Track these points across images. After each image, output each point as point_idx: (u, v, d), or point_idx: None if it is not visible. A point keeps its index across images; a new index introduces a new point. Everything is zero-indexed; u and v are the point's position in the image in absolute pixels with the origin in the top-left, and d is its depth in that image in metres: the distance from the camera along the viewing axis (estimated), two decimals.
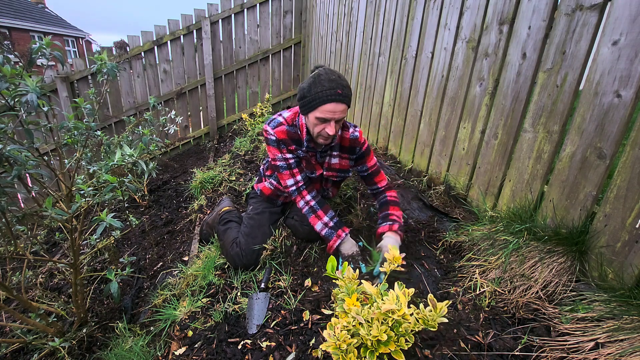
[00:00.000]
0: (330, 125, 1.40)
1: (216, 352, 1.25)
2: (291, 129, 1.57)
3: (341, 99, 1.36)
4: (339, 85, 1.36)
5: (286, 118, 1.57)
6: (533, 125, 1.43)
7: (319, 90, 1.35)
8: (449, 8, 1.89)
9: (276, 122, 1.57)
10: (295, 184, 1.60)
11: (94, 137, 1.72)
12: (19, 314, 1.47)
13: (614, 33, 1.11)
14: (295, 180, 1.59)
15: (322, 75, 1.37)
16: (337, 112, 1.37)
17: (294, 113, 1.59)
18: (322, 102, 1.36)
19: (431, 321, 0.94)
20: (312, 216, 1.58)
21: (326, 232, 1.54)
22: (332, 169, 1.69)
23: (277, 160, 1.59)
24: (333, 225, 1.55)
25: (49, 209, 1.23)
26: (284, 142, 1.56)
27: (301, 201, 1.60)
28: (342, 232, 1.54)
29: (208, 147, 4.64)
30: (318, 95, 1.35)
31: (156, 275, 2.09)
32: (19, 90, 1.17)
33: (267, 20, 4.73)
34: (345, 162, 1.70)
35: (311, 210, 1.58)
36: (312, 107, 1.39)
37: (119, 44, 4.06)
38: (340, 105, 1.37)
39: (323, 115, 1.37)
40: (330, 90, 1.34)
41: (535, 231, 1.34)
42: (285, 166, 1.58)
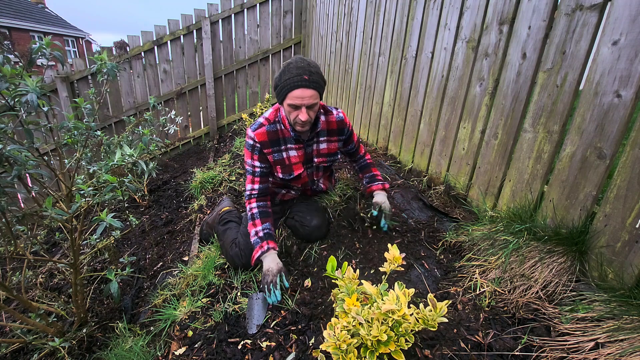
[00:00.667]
0: (301, 112, 1.42)
1: (216, 352, 1.25)
2: (272, 128, 1.59)
3: (307, 84, 1.37)
4: (305, 72, 1.37)
5: (267, 117, 1.60)
6: (533, 125, 1.43)
7: (287, 78, 1.38)
8: (449, 8, 1.89)
9: (257, 124, 1.59)
10: (250, 190, 1.64)
11: (94, 137, 1.72)
12: (19, 314, 1.47)
13: (614, 33, 1.11)
14: (252, 187, 1.64)
15: (291, 64, 1.40)
16: (306, 98, 1.39)
17: (275, 110, 1.62)
18: (290, 89, 1.38)
19: (431, 321, 0.94)
20: (249, 223, 1.61)
21: (254, 240, 1.56)
22: (321, 154, 1.72)
23: (247, 164, 1.65)
24: (262, 235, 1.55)
25: (49, 209, 1.23)
26: (261, 144, 1.59)
27: (247, 207, 1.64)
28: (265, 245, 1.52)
29: (208, 147, 4.64)
30: (287, 83, 1.38)
31: (156, 275, 2.09)
32: (19, 90, 1.17)
33: (267, 20, 4.73)
34: (333, 145, 1.73)
35: (251, 217, 1.61)
36: (283, 95, 1.42)
37: (119, 44, 4.06)
38: (308, 90, 1.38)
39: (293, 101, 1.40)
40: (297, 76, 1.37)
41: (535, 231, 1.34)
42: (250, 171, 1.64)
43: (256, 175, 1.64)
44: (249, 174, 1.65)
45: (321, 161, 1.73)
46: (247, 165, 1.65)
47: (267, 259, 1.49)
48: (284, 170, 1.67)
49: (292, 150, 1.65)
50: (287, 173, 1.68)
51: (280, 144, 1.62)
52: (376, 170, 1.85)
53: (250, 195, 1.64)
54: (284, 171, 1.68)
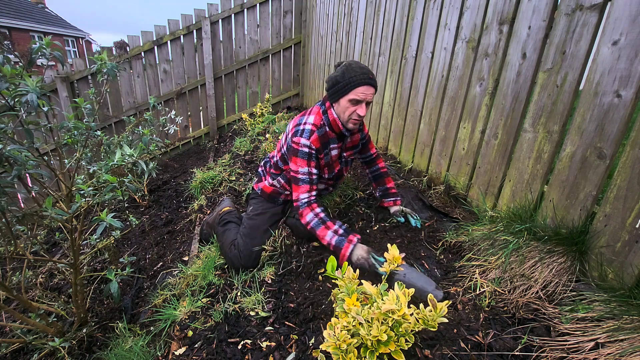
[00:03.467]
0: (361, 107, 1.53)
1: (216, 352, 1.25)
2: (321, 132, 1.61)
3: (372, 82, 1.51)
4: (369, 72, 1.52)
5: (314, 123, 1.60)
6: (533, 125, 1.43)
7: (352, 75, 1.49)
8: (449, 8, 1.89)
9: (308, 131, 1.58)
10: (309, 197, 1.59)
11: (94, 137, 1.72)
12: (19, 314, 1.47)
13: (614, 33, 1.11)
14: (310, 195, 1.59)
15: (352, 64, 1.52)
16: (369, 95, 1.51)
17: (317, 115, 1.62)
18: (356, 85, 1.49)
19: (431, 321, 0.94)
20: (321, 227, 1.53)
21: (337, 240, 1.48)
22: (347, 148, 1.78)
23: (301, 173, 1.59)
24: (343, 232, 1.50)
25: (49, 209, 1.23)
26: (317, 150, 1.60)
27: (310, 214, 1.56)
28: (353, 237, 1.47)
29: (208, 147, 4.64)
30: (352, 80, 1.49)
31: (156, 275, 2.09)
32: (19, 90, 1.17)
33: (267, 20, 4.73)
34: (356, 136, 1.80)
35: (321, 221, 1.54)
36: (346, 91, 1.51)
37: (119, 44, 4.07)
38: (371, 88, 1.51)
39: (356, 96, 1.50)
40: (362, 75, 1.49)
41: (535, 231, 1.34)
42: (307, 180, 1.59)
43: (314, 183, 1.61)
44: (305, 183, 1.59)
45: (349, 154, 1.81)
46: (302, 175, 1.59)
47: (355, 251, 1.44)
48: (330, 169, 1.74)
49: (334, 150, 1.70)
50: (331, 172, 1.75)
51: (328, 145, 1.67)
52: (390, 181, 1.89)
53: (310, 202, 1.58)
54: (329, 170, 1.74)
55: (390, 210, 1.85)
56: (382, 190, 1.88)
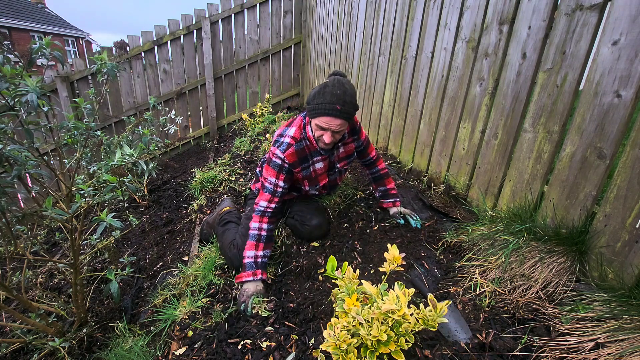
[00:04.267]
0: (326, 134, 1.48)
1: (216, 352, 1.25)
2: (299, 146, 1.59)
3: (338, 114, 1.42)
4: (339, 101, 1.41)
5: (293, 136, 1.59)
6: (533, 125, 1.43)
7: (320, 102, 1.43)
8: (449, 8, 1.89)
9: (285, 144, 1.57)
10: (266, 208, 1.58)
11: (94, 137, 1.72)
12: (19, 314, 1.47)
13: (614, 33, 1.11)
14: (268, 206, 1.59)
15: (328, 87, 1.43)
16: (333, 125, 1.44)
17: (298, 128, 1.60)
18: (320, 114, 1.43)
19: (431, 321, 0.94)
20: (252, 242, 1.54)
21: (248, 263, 1.51)
22: (341, 159, 1.76)
23: (267, 182, 1.60)
24: (260, 262, 1.52)
25: (49, 209, 1.23)
26: (291, 165, 1.58)
27: (256, 223, 1.57)
28: (259, 273, 1.50)
29: (208, 147, 4.64)
30: (318, 107, 1.43)
31: (156, 275, 2.09)
32: (19, 90, 1.17)
33: (267, 20, 4.73)
34: (350, 146, 1.77)
35: (258, 237, 1.55)
36: (313, 115, 1.47)
37: (119, 44, 4.06)
38: (337, 120, 1.43)
39: (321, 124, 1.46)
40: (330, 104, 1.41)
41: (535, 231, 1.34)
42: (271, 190, 1.60)
43: (276, 195, 1.60)
44: (268, 192, 1.59)
45: (343, 165, 1.78)
46: (268, 183, 1.60)
47: (250, 286, 1.47)
48: (311, 182, 1.72)
49: (318, 163, 1.67)
50: (313, 185, 1.73)
51: (308, 159, 1.64)
52: (390, 182, 1.88)
53: (265, 213, 1.58)
54: (311, 184, 1.72)
55: (389, 211, 1.85)
56: (381, 191, 1.88)
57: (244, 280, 1.49)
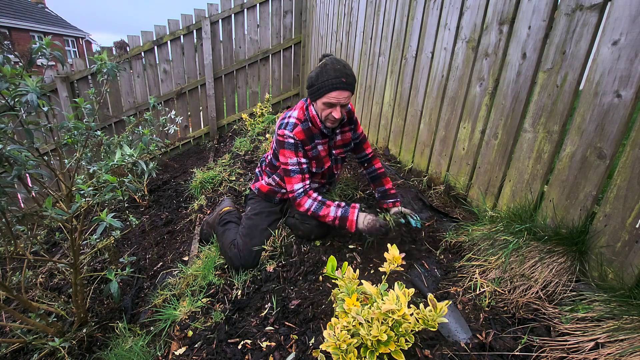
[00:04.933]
0: (336, 110, 1.53)
1: (216, 352, 1.25)
2: (305, 126, 1.64)
3: (345, 86, 1.49)
4: (343, 74, 1.48)
5: (297, 117, 1.64)
6: (533, 125, 1.43)
7: (325, 79, 1.48)
8: (449, 8, 1.89)
9: (291, 124, 1.62)
10: (303, 187, 1.62)
11: (94, 137, 1.72)
12: (19, 314, 1.47)
13: (614, 33, 1.11)
14: (304, 184, 1.63)
15: (328, 65, 1.50)
16: (342, 99, 1.50)
17: (301, 109, 1.65)
18: (328, 90, 1.48)
19: (431, 321, 0.94)
20: (322, 208, 1.57)
21: (341, 211, 1.54)
22: (337, 146, 1.79)
23: (290, 164, 1.62)
24: (345, 204, 1.58)
25: (49, 209, 1.23)
26: (302, 142, 1.63)
27: (308, 200, 1.60)
28: (355, 205, 1.56)
29: (208, 147, 4.64)
30: (325, 84, 1.48)
31: (156, 275, 2.09)
32: (19, 90, 1.17)
33: (267, 20, 4.73)
34: (347, 134, 1.80)
35: (321, 203, 1.59)
36: (320, 94, 1.52)
37: (119, 44, 4.06)
38: (344, 92, 1.50)
39: (330, 100, 1.50)
40: (335, 79, 1.47)
41: (535, 231, 1.34)
42: (298, 170, 1.62)
43: (305, 172, 1.63)
44: (297, 173, 1.61)
45: (339, 152, 1.81)
46: (292, 165, 1.61)
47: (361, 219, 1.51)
48: (318, 164, 1.74)
49: (320, 145, 1.71)
50: (319, 167, 1.75)
51: (314, 139, 1.68)
52: (388, 182, 1.88)
53: (306, 190, 1.62)
54: (318, 165, 1.75)
55: (389, 212, 1.85)
56: (380, 191, 1.88)
57: (357, 217, 1.52)
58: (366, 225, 1.50)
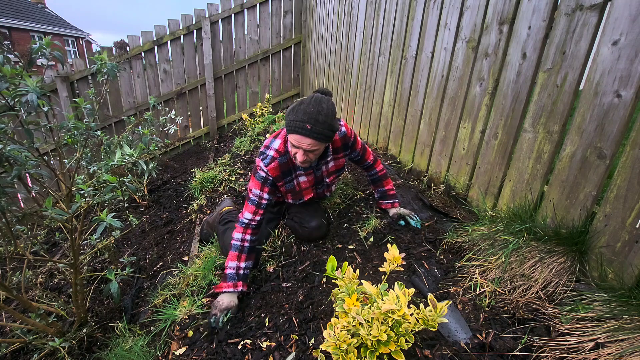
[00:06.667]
0: (299, 152, 1.43)
1: (216, 352, 1.25)
2: (283, 160, 1.57)
3: (307, 133, 1.37)
4: (311, 120, 1.36)
5: (277, 149, 1.56)
6: (533, 125, 1.43)
7: (292, 119, 1.39)
8: (449, 8, 1.89)
9: (269, 157, 1.55)
10: (250, 220, 1.57)
11: (94, 137, 1.72)
12: (19, 314, 1.47)
13: (614, 33, 1.11)
14: (252, 218, 1.57)
15: (303, 104, 1.40)
16: (304, 144, 1.40)
17: (283, 141, 1.58)
18: (291, 131, 1.40)
19: (431, 321, 0.94)
20: (235, 253, 1.54)
21: (230, 274, 1.50)
22: (330, 173, 1.74)
23: (252, 194, 1.59)
24: (242, 274, 1.52)
25: (49, 209, 1.23)
26: (275, 179, 1.57)
27: (240, 235, 1.56)
28: (240, 285, 1.49)
29: (208, 147, 4.64)
30: (290, 123, 1.40)
31: (156, 275, 2.09)
32: (19, 90, 1.17)
33: (267, 20, 4.73)
34: (341, 160, 1.75)
35: (240, 249, 1.54)
36: (287, 131, 1.44)
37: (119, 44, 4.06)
38: (306, 139, 1.38)
39: (292, 141, 1.43)
40: (300, 122, 1.37)
41: (535, 231, 1.34)
42: (255, 202, 1.58)
43: (261, 208, 1.58)
44: (253, 204, 1.58)
45: (332, 179, 1.78)
46: (253, 195, 1.58)
47: (225, 296, 1.47)
48: (295, 196, 1.70)
49: (302, 177, 1.66)
50: (297, 199, 1.71)
51: (291, 173, 1.63)
52: (388, 183, 1.86)
53: (249, 225, 1.57)
54: (294, 197, 1.71)
55: (389, 212, 1.85)
56: (380, 192, 1.87)
57: (223, 291, 1.48)
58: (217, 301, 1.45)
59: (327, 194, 1.91)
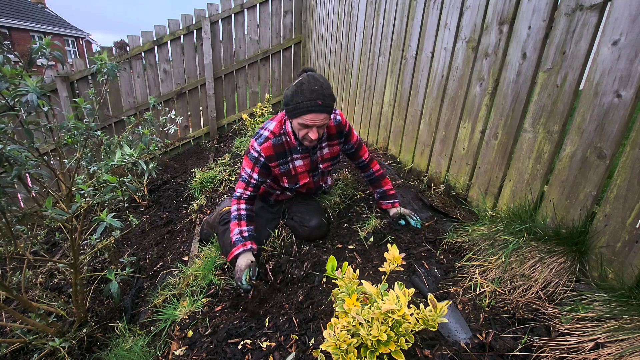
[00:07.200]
0: (312, 131, 1.48)
1: (216, 352, 1.25)
2: (277, 141, 1.61)
3: (321, 109, 1.42)
4: (319, 96, 1.40)
5: (272, 130, 1.61)
6: (533, 125, 1.43)
7: (300, 100, 1.41)
8: (449, 8, 1.89)
9: (263, 137, 1.60)
10: (241, 194, 1.67)
11: (94, 137, 1.72)
12: (19, 314, 1.47)
13: (614, 33, 1.11)
14: (243, 192, 1.67)
15: (304, 84, 1.42)
16: (318, 121, 1.44)
17: (279, 122, 1.62)
18: (303, 112, 1.42)
19: (431, 321, 0.94)
20: (235, 222, 1.63)
21: (236, 238, 1.58)
22: (325, 159, 1.76)
23: (244, 172, 1.66)
24: (247, 235, 1.59)
25: (49, 209, 1.23)
26: (268, 159, 1.61)
27: (235, 206, 1.66)
28: (249, 243, 1.57)
29: (208, 147, 4.64)
30: (299, 105, 1.41)
31: (156, 275, 2.09)
32: (19, 90, 1.17)
33: (267, 20, 4.73)
34: (335, 148, 1.77)
35: (238, 217, 1.63)
36: (294, 115, 1.46)
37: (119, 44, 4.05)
38: (320, 115, 1.43)
39: (305, 122, 1.45)
40: (310, 101, 1.40)
41: (535, 231, 1.34)
42: (245, 180, 1.66)
43: (250, 185, 1.67)
44: (243, 181, 1.67)
45: (326, 166, 1.78)
46: (244, 173, 1.66)
47: (241, 258, 1.53)
48: (290, 180, 1.72)
49: (298, 160, 1.68)
50: (293, 183, 1.73)
51: (287, 155, 1.65)
52: (387, 183, 1.87)
53: (241, 197, 1.67)
54: (290, 181, 1.72)
55: (389, 212, 1.84)
56: (379, 192, 1.86)
57: (235, 255, 1.54)
58: (236, 265, 1.51)
59: (322, 184, 1.91)
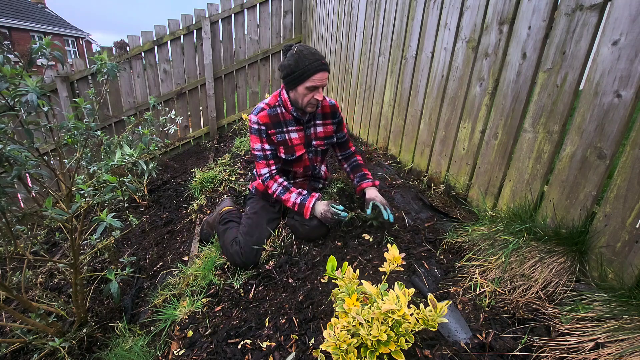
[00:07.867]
0: (318, 92, 1.61)
1: (216, 352, 1.25)
2: (273, 111, 1.71)
3: (325, 67, 1.58)
4: (320, 57, 1.57)
5: (267, 102, 1.73)
6: (533, 125, 1.43)
7: (307, 64, 1.55)
8: (449, 8, 1.88)
9: (258, 109, 1.72)
10: (269, 172, 1.74)
11: (94, 137, 1.72)
12: (19, 314, 1.47)
13: (614, 33, 1.11)
14: (270, 169, 1.74)
15: (304, 51, 1.57)
16: (324, 80, 1.59)
17: (274, 96, 1.74)
18: (312, 73, 1.55)
19: (431, 321, 0.94)
20: (285, 194, 1.70)
21: (301, 198, 1.67)
22: (318, 137, 1.85)
23: (256, 150, 1.73)
24: (306, 193, 1.70)
25: (49, 209, 1.23)
26: (266, 126, 1.69)
27: (274, 184, 1.72)
28: (315, 195, 1.67)
29: (208, 147, 4.64)
30: (308, 68, 1.55)
31: (156, 275, 2.09)
32: (19, 90, 1.17)
33: (267, 20, 4.73)
34: (329, 127, 1.86)
35: (285, 188, 1.71)
36: (302, 79, 1.57)
37: (119, 44, 4.06)
38: (325, 73, 1.59)
39: (313, 84, 1.57)
40: (316, 62, 1.55)
41: (535, 231, 1.34)
42: (262, 156, 1.73)
43: (269, 158, 1.74)
44: (262, 159, 1.73)
45: (319, 144, 1.86)
46: (257, 151, 1.73)
47: (317, 206, 1.64)
48: (287, 150, 1.77)
49: (293, 132, 1.76)
50: (289, 154, 1.78)
51: (282, 126, 1.73)
52: (366, 170, 1.94)
53: (272, 175, 1.74)
54: (286, 152, 1.78)
55: (366, 194, 1.77)
56: (359, 176, 1.91)
57: (312, 206, 1.64)
58: (321, 214, 1.60)
59: (316, 165, 1.94)
